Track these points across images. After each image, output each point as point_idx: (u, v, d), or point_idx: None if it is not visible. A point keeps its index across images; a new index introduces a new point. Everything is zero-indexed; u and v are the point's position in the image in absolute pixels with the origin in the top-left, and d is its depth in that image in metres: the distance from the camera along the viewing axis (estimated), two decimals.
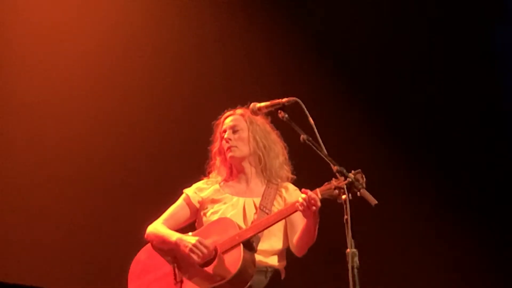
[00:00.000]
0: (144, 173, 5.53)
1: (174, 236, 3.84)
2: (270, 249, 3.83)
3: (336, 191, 3.43)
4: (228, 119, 4.07)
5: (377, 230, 5.60)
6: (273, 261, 3.85)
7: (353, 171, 3.41)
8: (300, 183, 4.26)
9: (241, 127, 4.01)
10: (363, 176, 3.41)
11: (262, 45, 5.94)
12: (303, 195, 3.59)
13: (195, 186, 4.07)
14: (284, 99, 3.60)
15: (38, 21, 5.50)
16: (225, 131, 4.03)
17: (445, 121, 6.10)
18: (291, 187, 4.02)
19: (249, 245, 3.72)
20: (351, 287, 3.07)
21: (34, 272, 5.18)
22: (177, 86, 5.77)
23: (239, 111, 4.09)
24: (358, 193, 3.26)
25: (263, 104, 3.68)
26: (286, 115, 3.57)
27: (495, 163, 6.11)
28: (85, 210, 5.36)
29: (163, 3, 5.89)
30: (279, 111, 3.60)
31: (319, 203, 3.56)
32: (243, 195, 3.95)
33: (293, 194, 3.94)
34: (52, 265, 5.24)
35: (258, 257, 3.76)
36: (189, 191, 4.04)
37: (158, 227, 3.94)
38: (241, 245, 3.70)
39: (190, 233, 3.89)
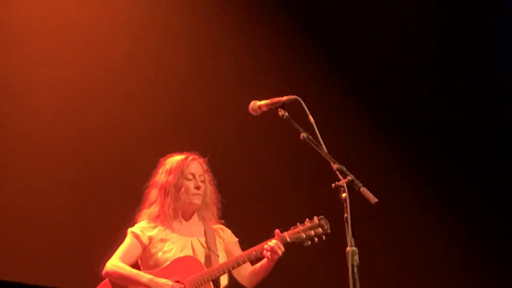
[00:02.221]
0: (145, 173, 5.52)
1: (145, 277, 3.90)
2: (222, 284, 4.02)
3: (303, 235, 3.80)
4: (196, 165, 4.13)
5: (377, 228, 5.60)
6: None
7: (316, 217, 3.82)
8: (300, 183, 4.27)
9: (204, 177, 4.13)
10: (327, 222, 3.81)
11: (262, 44, 5.94)
12: (271, 243, 3.82)
13: (139, 225, 4.10)
14: (284, 97, 3.60)
15: (37, 19, 5.49)
16: (193, 176, 4.09)
17: (444, 121, 6.10)
18: (226, 229, 4.19)
19: (217, 283, 3.93)
20: (351, 285, 3.07)
21: (32, 271, 5.18)
22: (176, 86, 5.76)
23: (198, 159, 4.16)
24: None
25: (263, 102, 3.68)
26: (286, 113, 3.57)
27: (496, 162, 6.12)
28: (83, 209, 5.35)
29: (162, 3, 5.88)
30: (279, 109, 3.60)
31: (283, 249, 3.83)
32: (188, 234, 4.07)
33: (230, 235, 4.16)
34: (51, 264, 5.24)
35: None
36: (135, 229, 4.08)
37: (121, 265, 3.96)
38: (211, 283, 3.89)
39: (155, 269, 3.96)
